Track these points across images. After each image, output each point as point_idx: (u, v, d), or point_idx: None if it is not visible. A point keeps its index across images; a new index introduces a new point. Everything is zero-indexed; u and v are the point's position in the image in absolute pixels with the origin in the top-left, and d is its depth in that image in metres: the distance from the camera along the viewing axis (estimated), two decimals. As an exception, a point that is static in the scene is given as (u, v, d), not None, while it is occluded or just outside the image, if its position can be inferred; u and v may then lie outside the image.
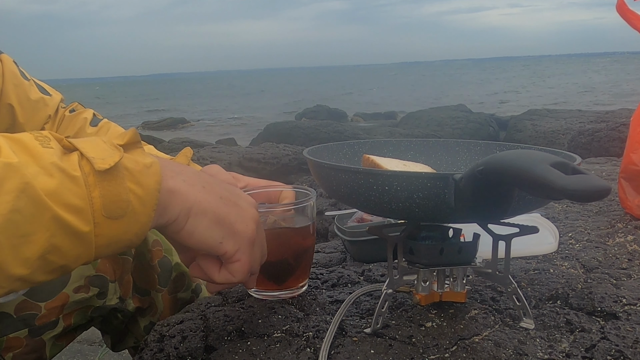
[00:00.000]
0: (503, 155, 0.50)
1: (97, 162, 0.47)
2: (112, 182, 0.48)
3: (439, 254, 0.64)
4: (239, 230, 0.57)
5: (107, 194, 0.47)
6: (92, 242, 0.48)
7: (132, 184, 0.49)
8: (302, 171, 3.45)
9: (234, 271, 0.59)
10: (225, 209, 0.57)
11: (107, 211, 0.47)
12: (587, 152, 3.36)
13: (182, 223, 0.54)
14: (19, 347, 0.80)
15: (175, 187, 0.53)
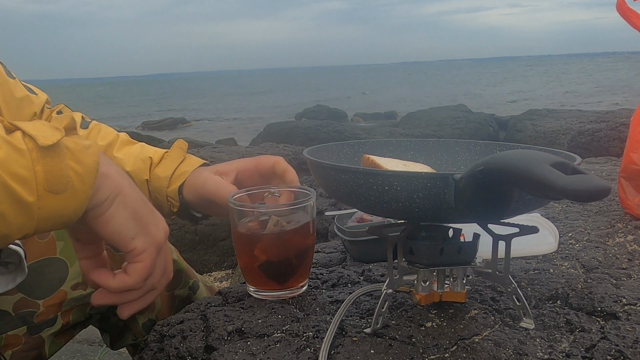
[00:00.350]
0: (503, 155, 0.50)
1: (40, 138, 0.50)
2: (55, 158, 0.50)
3: (439, 254, 0.64)
4: (152, 232, 0.60)
5: (50, 169, 0.50)
6: (34, 213, 0.50)
7: (72, 162, 0.51)
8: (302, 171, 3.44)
9: (133, 271, 0.60)
10: (144, 210, 0.60)
11: (50, 185, 0.50)
12: (587, 152, 3.36)
13: (105, 209, 0.56)
14: (18, 344, 0.80)
15: (108, 172, 0.56)
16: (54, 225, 0.53)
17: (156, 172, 0.86)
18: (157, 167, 0.87)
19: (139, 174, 0.86)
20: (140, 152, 0.89)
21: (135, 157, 0.88)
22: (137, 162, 0.87)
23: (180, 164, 0.87)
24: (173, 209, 0.87)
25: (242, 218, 0.76)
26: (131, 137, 0.97)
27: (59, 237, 0.83)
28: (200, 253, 3.14)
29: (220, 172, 0.86)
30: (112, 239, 0.58)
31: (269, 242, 0.74)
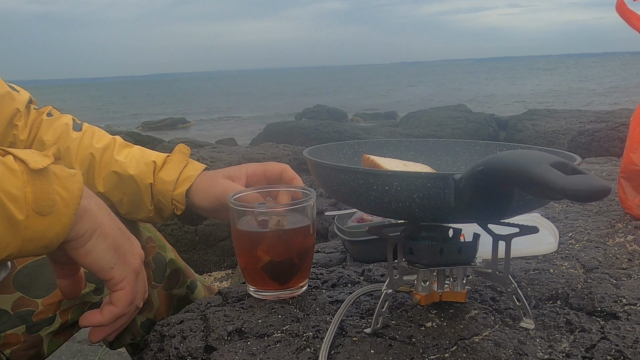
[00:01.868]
0: (503, 155, 0.50)
1: (31, 162, 0.53)
2: (43, 181, 0.53)
3: (439, 254, 0.64)
4: (129, 261, 0.63)
5: (38, 191, 0.53)
6: (21, 232, 0.53)
7: (58, 187, 0.55)
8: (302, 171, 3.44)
9: (117, 300, 0.63)
10: (122, 239, 0.63)
11: (37, 207, 0.53)
12: (587, 152, 3.36)
13: (85, 241, 0.59)
14: (16, 343, 0.80)
15: (89, 206, 0.59)
16: (36, 248, 0.55)
17: (161, 175, 0.87)
18: (162, 170, 0.88)
19: (143, 177, 0.87)
20: (142, 156, 0.90)
21: (138, 160, 0.89)
22: (141, 165, 0.88)
23: (184, 168, 0.88)
24: (177, 212, 0.87)
25: (242, 218, 0.76)
26: (131, 137, 0.97)
27: None
28: (200, 253, 3.14)
29: (232, 177, 0.87)
30: (91, 268, 0.61)
31: (272, 242, 0.74)
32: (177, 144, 0.96)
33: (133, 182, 0.86)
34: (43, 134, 0.90)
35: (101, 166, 0.87)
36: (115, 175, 0.87)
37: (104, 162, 0.88)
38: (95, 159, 0.88)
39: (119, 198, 0.88)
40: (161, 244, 0.96)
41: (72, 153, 0.88)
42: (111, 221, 0.61)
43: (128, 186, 0.87)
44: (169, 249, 0.98)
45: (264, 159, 3.41)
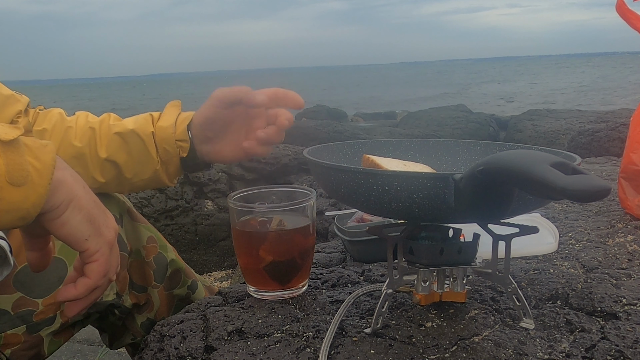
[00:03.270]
0: (503, 155, 0.50)
1: (1, 134, 0.53)
2: (15, 152, 0.54)
3: (439, 254, 0.64)
4: (104, 233, 0.63)
5: (11, 162, 0.53)
6: None
7: (31, 157, 0.55)
8: (302, 171, 3.44)
9: (91, 272, 0.63)
10: (97, 212, 0.63)
11: (10, 178, 0.53)
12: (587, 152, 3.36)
13: (61, 212, 0.59)
14: (17, 343, 0.80)
15: (64, 178, 0.59)
16: (13, 219, 0.56)
17: (160, 124, 0.89)
18: (159, 120, 0.90)
19: (143, 128, 0.88)
20: (139, 116, 0.92)
21: (136, 117, 0.91)
22: (139, 119, 0.90)
23: (179, 114, 0.91)
24: (182, 153, 0.88)
25: (242, 218, 0.76)
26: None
27: None
28: (200, 253, 3.14)
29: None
30: (66, 240, 0.61)
31: (273, 242, 0.74)
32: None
33: (135, 135, 0.88)
34: (40, 123, 0.91)
35: (102, 134, 0.89)
36: (117, 136, 0.88)
37: (104, 130, 0.89)
38: (95, 130, 0.89)
39: (124, 160, 0.88)
40: (162, 244, 0.96)
41: (71, 133, 0.89)
42: (86, 193, 0.62)
43: (131, 143, 0.88)
44: (170, 249, 0.98)
45: (263, 159, 3.41)
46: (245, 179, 3.33)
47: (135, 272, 0.93)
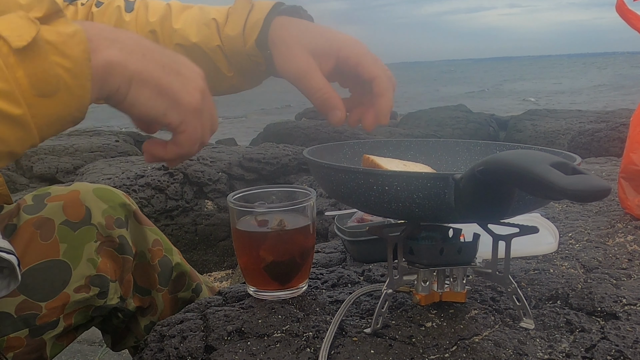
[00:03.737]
0: (503, 155, 0.50)
1: (14, 40, 0.44)
2: (35, 58, 0.45)
3: (439, 254, 0.64)
4: (183, 100, 0.55)
5: (33, 72, 0.45)
6: (29, 124, 0.46)
7: (57, 57, 0.46)
8: (302, 171, 3.45)
9: (180, 143, 0.57)
10: (168, 79, 0.54)
11: (37, 90, 0.45)
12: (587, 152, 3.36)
13: (124, 94, 0.51)
14: (19, 346, 0.80)
15: (112, 57, 0.50)
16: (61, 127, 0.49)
17: (226, 32, 0.74)
18: (226, 26, 0.74)
19: (208, 41, 0.75)
20: (202, 16, 0.76)
21: (198, 23, 0.76)
22: (202, 29, 0.75)
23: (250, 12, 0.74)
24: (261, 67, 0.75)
25: (242, 218, 0.76)
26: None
27: (62, 240, 0.83)
28: (200, 253, 3.14)
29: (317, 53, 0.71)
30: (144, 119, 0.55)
31: (274, 243, 0.74)
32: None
33: (199, 50, 0.75)
34: None
35: (165, 41, 0.77)
36: (179, 48, 0.76)
37: (166, 35, 0.77)
38: (157, 34, 0.77)
39: None
40: (168, 247, 0.96)
41: None
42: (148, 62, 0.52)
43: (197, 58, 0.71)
44: (175, 252, 0.97)
45: (264, 159, 3.41)
46: (245, 179, 3.33)
47: (140, 275, 0.92)
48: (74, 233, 0.84)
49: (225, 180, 3.28)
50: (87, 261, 0.84)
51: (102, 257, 0.86)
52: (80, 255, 0.84)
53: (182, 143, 0.57)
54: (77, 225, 0.84)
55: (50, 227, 0.83)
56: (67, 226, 0.84)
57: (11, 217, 0.83)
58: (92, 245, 0.85)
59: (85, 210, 0.85)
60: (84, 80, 0.47)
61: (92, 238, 0.85)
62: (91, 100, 0.49)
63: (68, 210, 0.84)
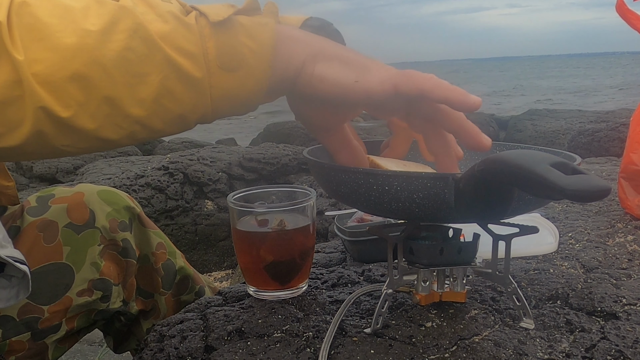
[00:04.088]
0: (503, 155, 0.50)
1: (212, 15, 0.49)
2: (226, 34, 0.49)
3: (439, 254, 0.64)
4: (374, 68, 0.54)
5: (221, 45, 0.48)
6: (206, 91, 0.49)
7: (245, 38, 0.49)
8: (302, 171, 3.45)
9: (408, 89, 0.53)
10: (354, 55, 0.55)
11: (222, 62, 0.49)
12: (587, 152, 3.36)
13: (311, 69, 0.53)
14: (21, 350, 0.80)
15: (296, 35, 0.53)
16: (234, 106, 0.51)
17: None
18: None
19: None
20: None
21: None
22: None
23: None
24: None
25: (242, 218, 0.76)
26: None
27: (66, 242, 0.83)
28: (200, 253, 3.14)
29: None
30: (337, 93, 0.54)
31: (274, 243, 0.74)
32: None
33: None
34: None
35: None
36: None
37: None
38: None
39: None
40: (171, 251, 0.96)
41: None
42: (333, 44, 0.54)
43: None
44: (178, 255, 0.97)
45: (264, 159, 3.41)
46: (245, 179, 3.33)
47: (143, 279, 0.92)
48: (77, 236, 0.84)
49: (225, 180, 3.28)
50: (91, 265, 0.84)
51: (105, 260, 0.86)
52: (83, 259, 0.84)
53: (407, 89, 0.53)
54: (81, 228, 0.84)
55: (54, 229, 0.83)
56: (71, 229, 0.84)
57: (15, 218, 0.83)
58: (96, 248, 0.85)
59: (89, 213, 0.85)
60: (265, 64, 0.50)
61: (96, 241, 0.85)
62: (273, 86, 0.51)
63: (72, 212, 0.84)
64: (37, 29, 0.45)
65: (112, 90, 0.46)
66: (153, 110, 0.48)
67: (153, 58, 0.47)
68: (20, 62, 0.44)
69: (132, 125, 0.49)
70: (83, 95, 0.46)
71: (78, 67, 0.45)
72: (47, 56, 0.44)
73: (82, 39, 0.45)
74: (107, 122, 0.48)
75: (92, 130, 0.48)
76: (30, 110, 0.45)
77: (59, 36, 0.45)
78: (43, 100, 0.45)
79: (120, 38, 0.46)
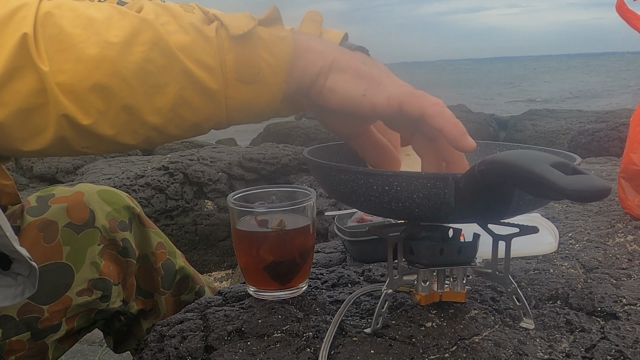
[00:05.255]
0: (503, 155, 0.50)
1: (232, 28, 0.50)
2: (245, 47, 0.50)
3: (439, 254, 0.64)
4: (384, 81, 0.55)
5: (240, 58, 0.50)
6: (222, 102, 0.51)
7: (264, 52, 0.51)
8: (302, 171, 3.45)
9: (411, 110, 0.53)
10: (367, 68, 0.55)
11: (239, 75, 0.50)
12: (587, 152, 3.36)
13: (323, 80, 0.54)
14: (21, 350, 0.80)
15: (313, 45, 0.54)
16: (248, 117, 0.53)
17: None
18: None
19: None
20: None
21: None
22: None
23: None
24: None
25: (242, 218, 0.76)
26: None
27: (65, 242, 0.83)
28: (200, 253, 3.14)
29: None
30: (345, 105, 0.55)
31: (274, 243, 0.74)
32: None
33: None
34: None
35: None
36: None
37: None
38: None
39: None
40: (171, 250, 0.96)
41: None
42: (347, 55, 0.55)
43: None
44: (178, 255, 0.97)
45: (264, 159, 3.41)
46: (245, 179, 3.33)
47: (143, 278, 0.92)
48: (77, 236, 0.84)
49: (225, 180, 3.28)
50: (90, 264, 0.84)
51: (105, 260, 0.86)
52: (83, 259, 0.84)
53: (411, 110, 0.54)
54: (81, 228, 0.84)
55: (54, 229, 0.83)
56: (71, 229, 0.84)
57: (15, 218, 0.83)
58: (96, 248, 0.85)
59: (89, 212, 0.85)
60: (281, 79, 0.52)
61: (96, 241, 0.85)
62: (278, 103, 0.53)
63: (72, 212, 0.84)
64: (60, 39, 0.47)
65: (131, 99, 0.48)
66: (169, 118, 0.50)
67: (171, 70, 0.48)
68: (45, 72, 0.46)
69: (149, 131, 0.51)
70: (103, 104, 0.48)
71: (100, 77, 0.47)
72: (71, 67, 0.46)
73: (104, 51, 0.47)
74: (125, 128, 0.50)
75: (111, 136, 0.50)
76: (54, 117, 0.47)
77: (82, 47, 0.47)
78: (66, 109, 0.47)
79: (140, 50, 0.47)
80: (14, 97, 0.46)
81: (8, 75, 0.45)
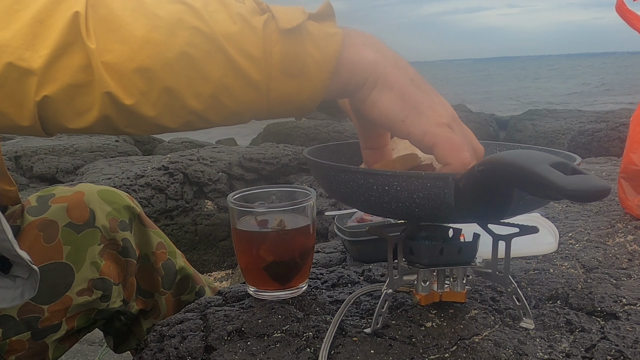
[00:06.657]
0: (503, 155, 0.50)
1: (282, 21, 0.50)
2: (293, 41, 0.50)
3: (439, 254, 0.64)
4: (425, 112, 0.55)
5: (287, 51, 0.50)
6: (264, 92, 0.51)
7: (311, 47, 0.51)
8: (302, 171, 3.45)
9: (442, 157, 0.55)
10: (413, 90, 0.55)
11: (284, 67, 0.50)
12: (587, 152, 3.36)
13: (367, 92, 0.54)
14: (21, 349, 0.80)
15: (366, 54, 0.54)
16: (289, 109, 0.53)
17: None
18: None
19: None
20: None
21: None
22: None
23: None
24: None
25: (242, 218, 0.76)
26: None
27: (66, 242, 0.83)
28: (200, 253, 3.14)
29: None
30: (382, 122, 0.56)
31: (274, 243, 0.74)
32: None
33: None
34: None
35: None
36: None
37: None
38: None
39: None
40: (172, 250, 0.96)
41: None
42: (398, 70, 0.55)
43: None
44: (179, 255, 0.97)
45: (264, 159, 3.41)
46: (245, 179, 3.33)
47: (143, 278, 0.92)
48: (77, 235, 0.84)
49: (225, 180, 3.28)
50: (91, 264, 0.84)
51: (105, 260, 0.86)
52: (83, 258, 0.84)
53: (443, 157, 0.55)
54: (81, 227, 0.84)
55: (54, 229, 0.83)
56: (71, 228, 0.84)
57: (15, 218, 0.83)
58: (96, 248, 0.85)
59: (89, 212, 0.85)
60: (325, 74, 0.52)
61: (96, 241, 0.85)
62: (330, 95, 0.53)
63: (72, 212, 0.84)
64: (109, 20, 0.48)
65: (172, 82, 0.49)
66: (209, 104, 0.51)
67: (215, 56, 0.49)
68: (92, 50, 0.47)
69: (189, 115, 0.51)
70: (146, 85, 0.48)
71: (144, 59, 0.48)
72: (117, 47, 0.47)
73: (149, 33, 0.48)
74: (166, 110, 0.50)
75: (152, 117, 0.50)
76: (98, 94, 0.48)
77: (129, 29, 0.48)
78: (109, 87, 0.48)
79: (185, 35, 0.48)
80: (64, 73, 0.47)
81: (61, 49, 0.46)
